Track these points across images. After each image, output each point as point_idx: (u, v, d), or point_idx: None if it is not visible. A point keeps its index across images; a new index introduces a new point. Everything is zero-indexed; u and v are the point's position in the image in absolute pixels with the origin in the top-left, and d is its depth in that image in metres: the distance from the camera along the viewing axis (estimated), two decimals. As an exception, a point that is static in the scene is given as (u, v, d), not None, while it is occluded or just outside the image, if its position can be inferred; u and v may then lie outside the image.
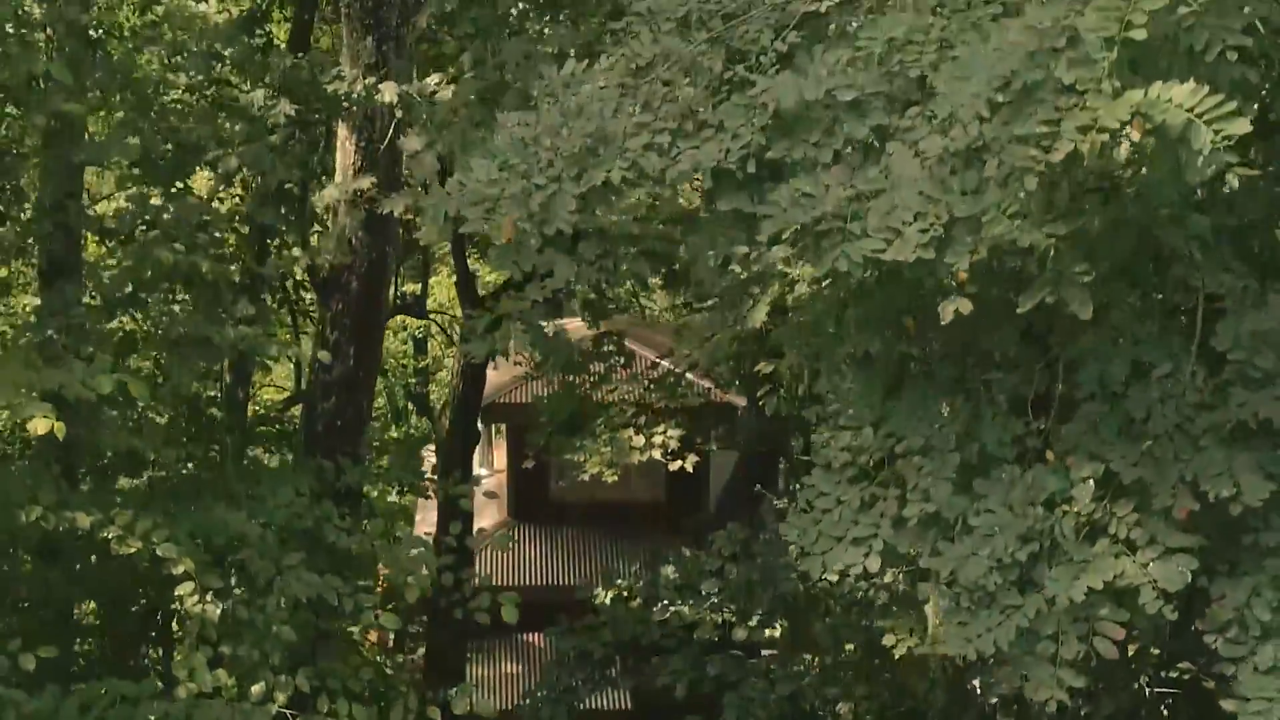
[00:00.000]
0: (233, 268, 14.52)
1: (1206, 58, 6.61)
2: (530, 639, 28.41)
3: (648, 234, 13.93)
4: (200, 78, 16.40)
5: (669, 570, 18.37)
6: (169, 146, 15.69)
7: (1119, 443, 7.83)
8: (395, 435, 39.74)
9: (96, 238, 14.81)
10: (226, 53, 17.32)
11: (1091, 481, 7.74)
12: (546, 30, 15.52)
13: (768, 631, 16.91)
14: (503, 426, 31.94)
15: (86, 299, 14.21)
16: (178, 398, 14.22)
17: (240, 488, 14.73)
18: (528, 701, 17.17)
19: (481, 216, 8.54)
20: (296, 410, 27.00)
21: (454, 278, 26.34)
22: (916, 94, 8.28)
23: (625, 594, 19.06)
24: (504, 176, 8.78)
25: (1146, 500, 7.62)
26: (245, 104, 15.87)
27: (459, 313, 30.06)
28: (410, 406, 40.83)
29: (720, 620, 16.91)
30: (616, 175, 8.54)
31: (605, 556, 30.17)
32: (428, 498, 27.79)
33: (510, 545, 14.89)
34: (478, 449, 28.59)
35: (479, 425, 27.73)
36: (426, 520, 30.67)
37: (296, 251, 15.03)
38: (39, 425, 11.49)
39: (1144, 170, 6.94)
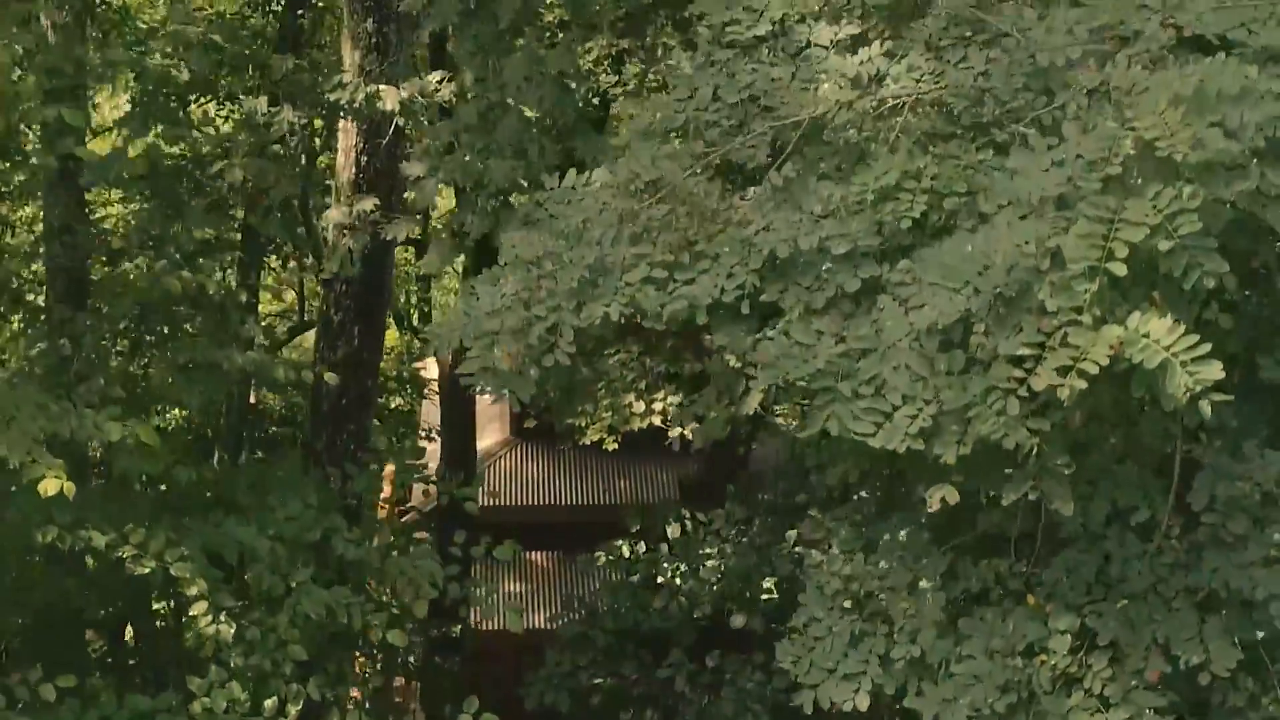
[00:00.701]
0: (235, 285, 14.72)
1: (1184, 285, 6.86)
2: (532, 558, 28.93)
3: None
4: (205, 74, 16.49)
5: (668, 545, 18.79)
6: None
7: (1095, 592, 8.19)
8: (396, 345, 40.03)
9: (104, 261, 15.01)
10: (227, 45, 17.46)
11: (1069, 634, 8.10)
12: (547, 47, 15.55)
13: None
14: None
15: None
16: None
17: (249, 498, 15.07)
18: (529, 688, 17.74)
19: (484, 350, 8.85)
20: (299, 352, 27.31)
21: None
22: (908, 239, 8.51)
23: (628, 559, 19.52)
24: (504, 304, 9.06)
25: (1121, 654, 7.98)
26: (248, 110, 15.98)
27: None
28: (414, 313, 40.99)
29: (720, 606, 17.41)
30: (615, 311, 8.80)
31: (605, 475, 30.57)
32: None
33: (514, 554, 15.27)
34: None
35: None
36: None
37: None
38: (49, 486, 11.82)
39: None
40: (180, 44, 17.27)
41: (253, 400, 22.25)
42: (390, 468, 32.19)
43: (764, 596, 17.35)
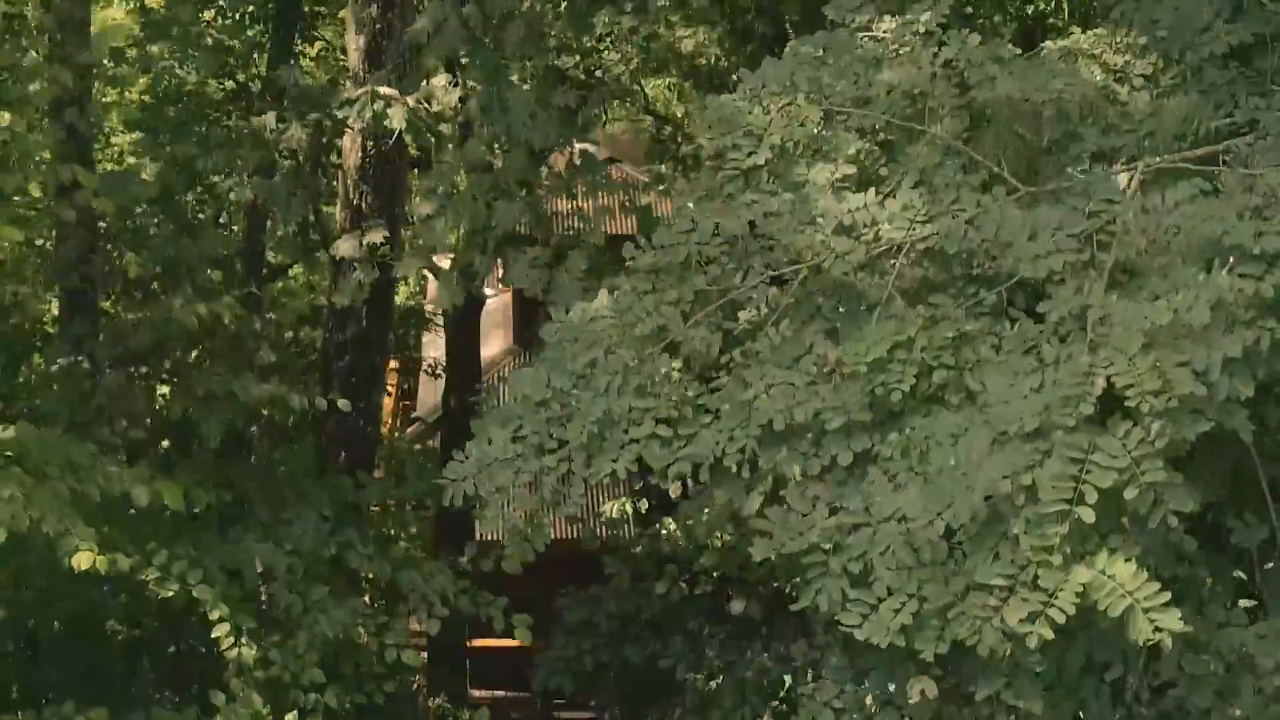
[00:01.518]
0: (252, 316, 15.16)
1: (1149, 524, 7.38)
2: None
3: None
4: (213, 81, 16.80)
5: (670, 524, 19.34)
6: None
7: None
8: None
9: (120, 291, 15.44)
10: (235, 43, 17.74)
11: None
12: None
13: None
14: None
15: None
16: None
17: (266, 512, 15.62)
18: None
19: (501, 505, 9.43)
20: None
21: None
22: (898, 407, 9.01)
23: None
24: (517, 451, 9.58)
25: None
26: (257, 127, 16.29)
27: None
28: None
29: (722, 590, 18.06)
30: (622, 469, 9.33)
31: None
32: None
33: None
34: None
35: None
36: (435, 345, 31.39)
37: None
38: (82, 560, 12.35)
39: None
40: (187, 44, 17.60)
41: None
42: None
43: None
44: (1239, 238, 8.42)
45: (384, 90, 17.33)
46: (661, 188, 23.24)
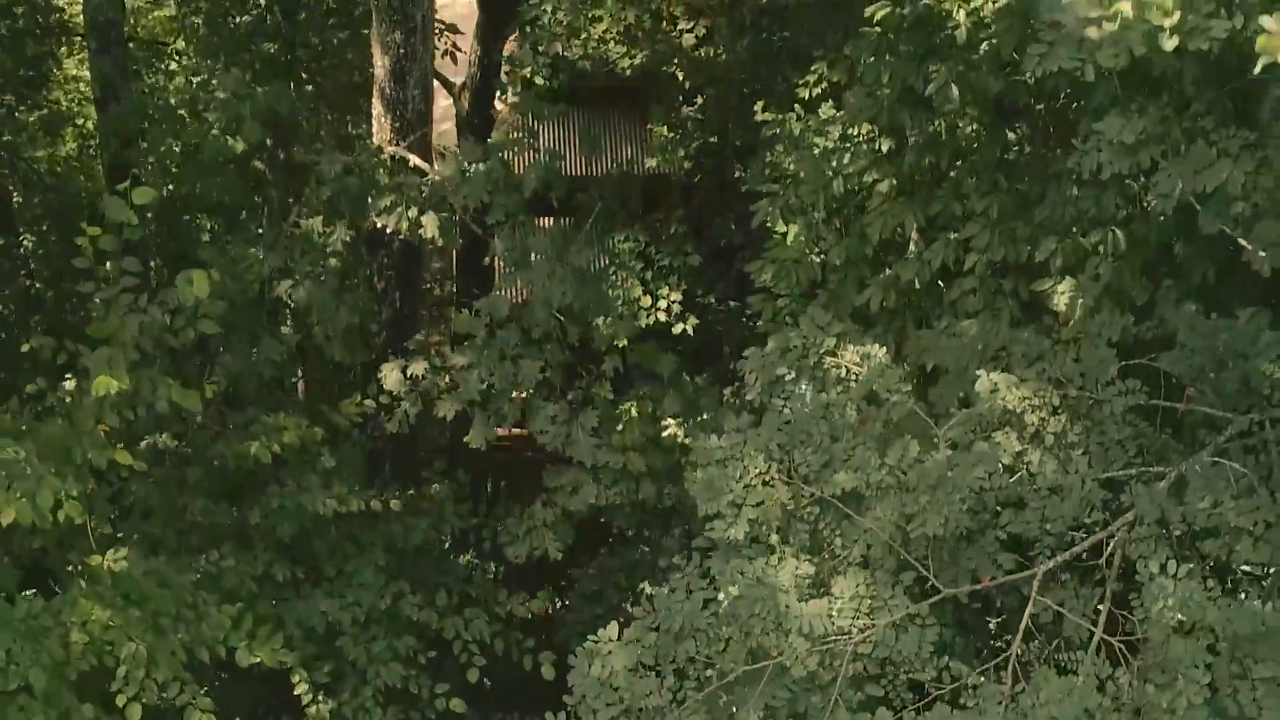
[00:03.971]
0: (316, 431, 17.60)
1: None
2: (544, 224, 31.65)
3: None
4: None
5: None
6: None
7: None
8: None
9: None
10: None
11: None
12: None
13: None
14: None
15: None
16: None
17: (330, 567, 18.65)
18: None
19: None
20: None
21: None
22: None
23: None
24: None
25: None
26: (306, 230, 18.44)
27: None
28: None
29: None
30: None
31: (618, 139, 32.04)
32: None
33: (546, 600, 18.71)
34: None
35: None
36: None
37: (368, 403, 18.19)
38: (202, 726, 15.38)
39: None
40: (232, 116, 19.44)
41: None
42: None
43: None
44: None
45: (412, 160, 19.50)
46: None
